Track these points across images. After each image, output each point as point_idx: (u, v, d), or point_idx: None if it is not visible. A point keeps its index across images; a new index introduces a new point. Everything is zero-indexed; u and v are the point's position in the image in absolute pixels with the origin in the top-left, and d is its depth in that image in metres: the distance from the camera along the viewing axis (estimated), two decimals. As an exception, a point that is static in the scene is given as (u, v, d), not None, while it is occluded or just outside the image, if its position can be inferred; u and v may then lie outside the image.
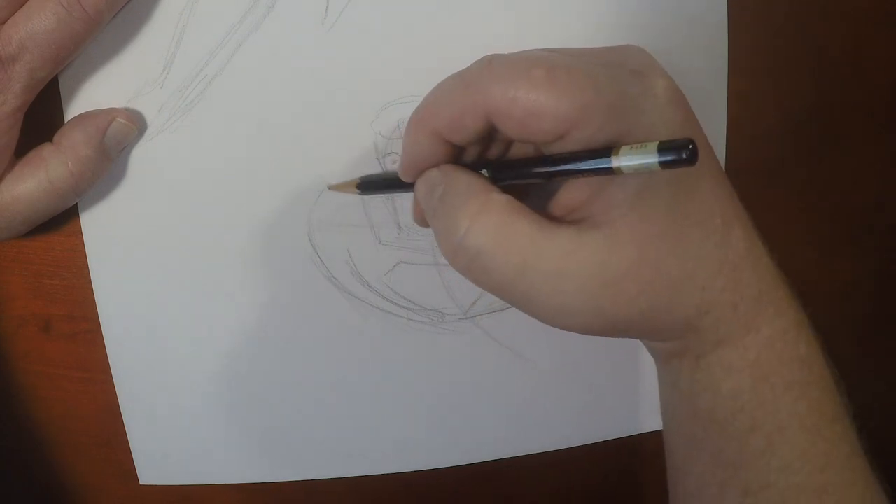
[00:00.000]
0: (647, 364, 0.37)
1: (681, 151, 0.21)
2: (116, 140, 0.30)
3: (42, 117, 0.30)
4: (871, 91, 0.38)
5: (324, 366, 0.35)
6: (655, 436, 0.38)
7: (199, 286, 0.34)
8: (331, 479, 0.37)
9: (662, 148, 0.21)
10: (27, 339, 0.35)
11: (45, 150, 0.29)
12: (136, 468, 0.36)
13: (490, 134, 0.26)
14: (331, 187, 0.33)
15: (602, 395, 0.38)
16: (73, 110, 0.31)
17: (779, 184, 0.38)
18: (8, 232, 0.30)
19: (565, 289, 0.25)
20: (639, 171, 0.22)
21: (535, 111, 0.24)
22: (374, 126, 0.33)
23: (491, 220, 0.25)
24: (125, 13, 0.30)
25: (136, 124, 0.31)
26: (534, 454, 0.38)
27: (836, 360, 0.28)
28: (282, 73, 0.32)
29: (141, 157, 0.32)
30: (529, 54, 0.25)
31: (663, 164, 0.21)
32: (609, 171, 0.23)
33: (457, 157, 0.28)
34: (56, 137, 0.30)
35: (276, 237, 0.33)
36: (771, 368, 0.27)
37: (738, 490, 0.28)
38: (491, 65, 0.25)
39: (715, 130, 0.35)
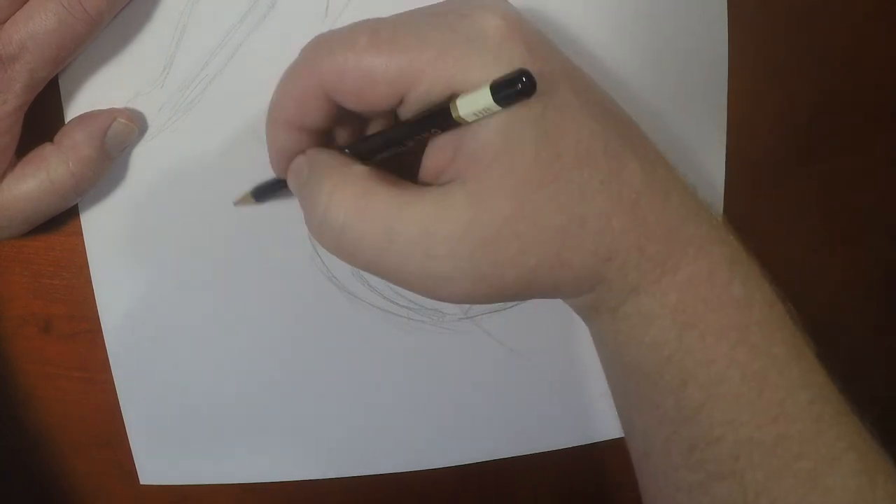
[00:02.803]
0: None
1: (514, 84, 0.20)
2: (117, 140, 0.30)
3: (42, 117, 0.30)
4: (871, 91, 0.38)
5: (324, 366, 0.35)
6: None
7: (199, 286, 0.34)
8: (331, 479, 0.37)
9: (495, 85, 0.20)
10: (27, 339, 0.35)
11: (46, 150, 0.29)
12: (137, 468, 0.36)
13: (353, 115, 0.25)
14: (235, 203, 0.32)
15: (602, 394, 0.38)
16: (73, 110, 0.31)
17: (779, 183, 0.38)
18: (9, 231, 0.30)
19: (436, 253, 0.23)
20: (481, 115, 0.21)
21: (365, 79, 0.23)
22: (375, 126, 0.33)
23: (349, 190, 0.24)
24: (125, 13, 0.30)
25: (136, 124, 0.31)
26: (534, 454, 0.38)
27: (835, 359, 0.27)
28: (282, 73, 0.32)
29: (141, 157, 0.32)
30: (356, 24, 0.24)
31: (501, 102, 0.20)
32: (454, 122, 0.22)
33: (325, 143, 0.27)
34: (57, 137, 0.30)
35: (277, 237, 0.33)
36: (697, 314, 0.25)
37: (684, 446, 0.26)
38: (317, 42, 0.24)
39: (715, 130, 0.35)
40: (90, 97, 0.31)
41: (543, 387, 0.37)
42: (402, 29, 0.23)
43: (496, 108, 0.21)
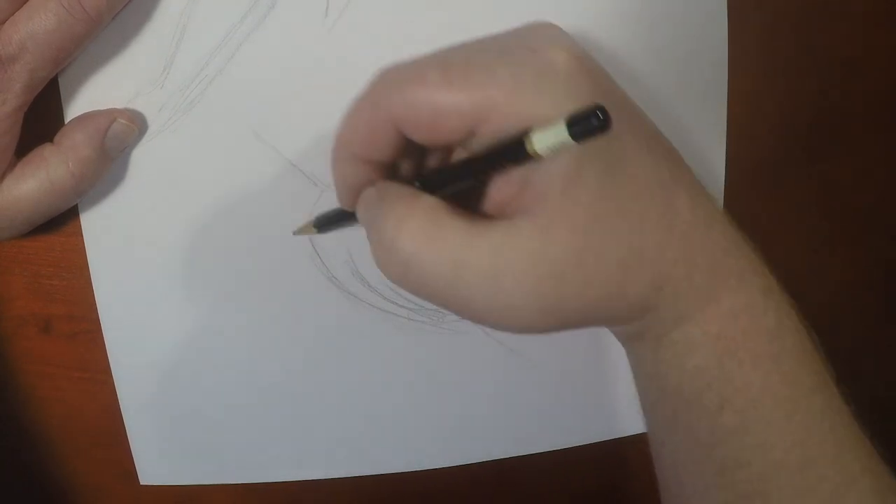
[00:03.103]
0: (647, 364, 0.37)
1: (591, 119, 0.20)
2: (117, 140, 0.30)
3: (42, 117, 0.30)
4: (871, 91, 0.38)
5: (324, 366, 0.35)
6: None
7: (199, 286, 0.34)
8: (331, 479, 0.37)
9: (571, 120, 0.21)
10: (27, 339, 0.35)
11: (46, 151, 0.29)
12: (137, 468, 0.36)
13: (416, 146, 0.26)
14: (295, 232, 0.32)
15: (602, 394, 0.38)
16: (73, 110, 0.31)
17: (779, 184, 0.38)
18: (9, 232, 0.30)
19: (504, 286, 0.23)
20: (555, 150, 0.22)
21: (437, 114, 0.23)
22: (375, 126, 0.33)
23: (417, 222, 0.24)
24: (125, 13, 0.30)
25: (136, 125, 0.31)
26: (534, 454, 0.38)
27: (835, 360, 0.28)
28: (282, 73, 0.32)
29: (141, 158, 0.32)
30: (424, 57, 0.24)
31: (576, 137, 0.21)
32: (528, 157, 0.22)
33: (390, 174, 0.27)
34: (57, 138, 0.30)
35: (277, 237, 0.33)
36: (736, 342, 0.26)
37: (714, 468, 0.27)
38: (386, 76, 0.24)
39: (715, 130, 0.35)
40: (90, 97, 0.31)
41: (544, 386, 0.37)
42: (474, 64, 0.23)
43: (571, 142, 0.21)
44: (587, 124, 0.20)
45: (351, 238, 0.34)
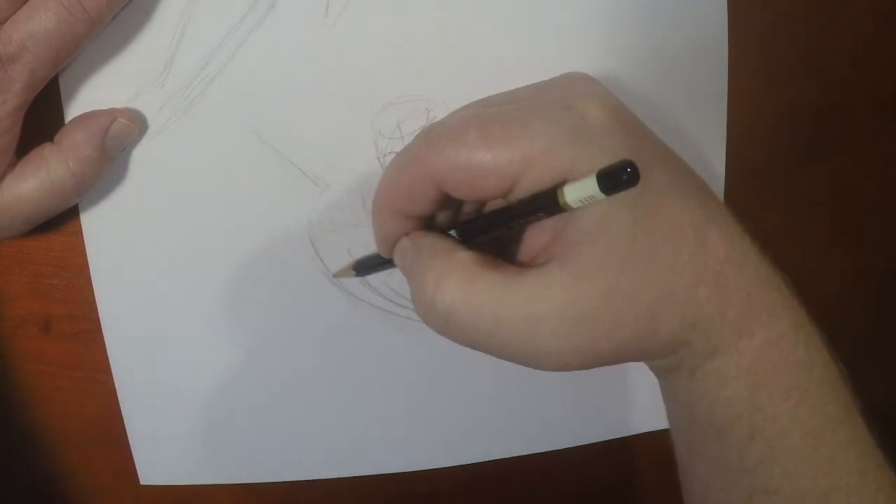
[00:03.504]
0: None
1: (620, 175, 0.21)
2: (118, 140, 0.30)
3: (42, 117, 0.30)
4: (871, 91, 0.38)
5: (324, 366, 0.35)
6: (655, 435, 0.38)
7: (199, 286, 0.34)
8: (331, 479, 0.37)
9: (602, 175, 0.22)
10: (27, 338, 0.35)
11: (47, 150, 0.29)
12: (137, 468, 0.36)
13: (454, 200, 0.27)
14: (335, 275, 0.34)
15: (602, 394, 0.38)
16: (73, 110, 0.31)
17: (779, 184, 0.38)
18: (9, 231, 0.30)
19: (540, 332, 0.25)
20: (586, 203, 0.23)
21: (476, 173, 0.24)
22: (375, 125, 0.33)
23: (455, 278, 0.25)
24: (125, 13, 0.30)
25: (137, 124, 0.31)
26: (534, 454, 0.38)
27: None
28: (282, 73, 0.32)
29: (141, 157, 0.32)
30: (464, 115, 0.25)
31: (606, 191, 0.22)
32: (559, 209, 0.23)
33: (427, 223, 0.28)
34: (57, 137, 0.30)
35: (277, 237, 0.33)
36: (767, 375, 0.27)
37: (744, 495, 0.28)
38: (429, 136, 0.25)
39: (715, 130, 0.35)
40: (90, 97, 0.31)
41: (544, 386, 0.37)
42: (511, 123, 0.24)
43: (601, 196, 0.22)
44: (617, 179, 0.21)
45: (351, 238, 0.34)
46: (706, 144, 0.35)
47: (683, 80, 0.34)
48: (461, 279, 0.25)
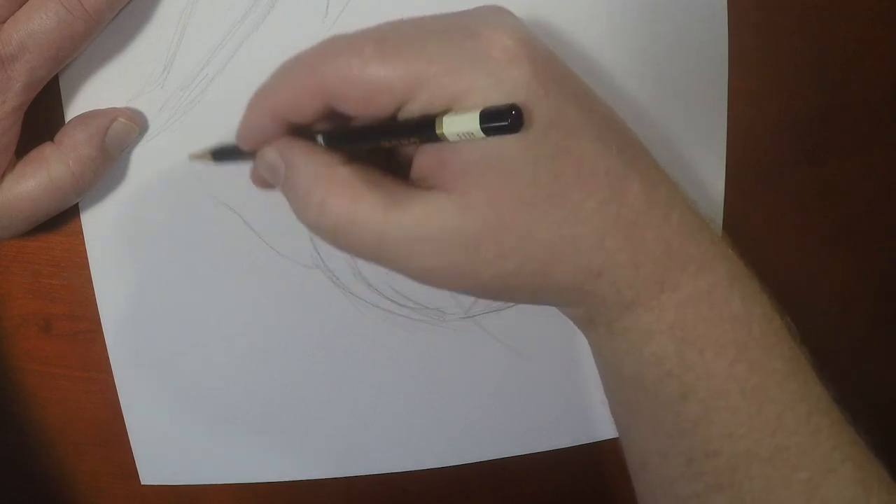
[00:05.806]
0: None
1: (503, 118, 0.20)
2: (118, 140, 0.30)
3: (42, 117, 0.30)
4: (872, 91, 0.38)
5: (324, 365, 0.35)
6: (655, 436, 0.38)
7: (199, 286, 0.34)
8: (331, 479, 0.37)
9: (485, 114, 0.21)
10: (27, 338, 0.35)
11: (47, 150, 0.29)
12: (137, 468, 0.36)
13: (335, 115, 0.26)
14: (191, 157, 0.32)
15: (601, 394, 0.38)
16: (73, 110, 0.31)
17: (779, 184, 0.38)
18: (9, 231, 0.30)
19: (422, 251, 0.25)
20: (464, 138, 0.22)
21: (367, 87, 0.23)
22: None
23: (339, 200, 0.25)
24: (125, 13, 0.30)
25: (137, 124, 0.31)
26: (534, 454, 0.38)
27: (835, 360, 0.28)
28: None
29: (141, 157, 0.32)
30: (364, 30, 0.24)
31: (487, 132, 0.21)
32: (436, 138, 0.22)
33: (293, 128, 0.27)
34: (57, 137, 0.30)
35: (278, 237, 0.33)
36: (697, 330, 0.25)
37: (682, 458, 0.26)
38: (324, 45, 0.25)
39: (715, 130, 0.35)
40: (90, 97, 0.31)
41: (544, 386, 0.37)
42: (409, 41, 0.23)
43: (481, 135, 0.21)
44: (498, 122, 0.20)
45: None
46: (706, 144, 0.35)
47: (684, 79, 0.34)
48: (346, 199, 0.25)
